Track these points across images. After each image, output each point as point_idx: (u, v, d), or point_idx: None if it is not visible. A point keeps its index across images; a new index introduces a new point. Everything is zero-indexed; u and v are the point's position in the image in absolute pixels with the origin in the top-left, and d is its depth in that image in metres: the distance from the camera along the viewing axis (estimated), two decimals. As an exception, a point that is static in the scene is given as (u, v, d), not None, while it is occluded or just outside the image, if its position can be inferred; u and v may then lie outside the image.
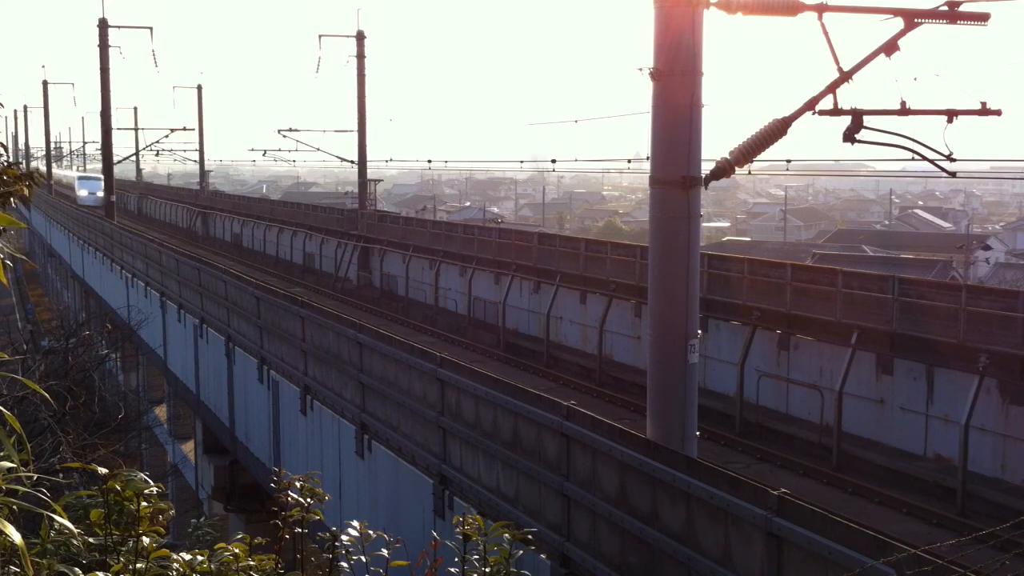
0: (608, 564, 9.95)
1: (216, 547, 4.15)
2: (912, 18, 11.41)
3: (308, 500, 5.12)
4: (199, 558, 3.96)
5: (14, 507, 3.26)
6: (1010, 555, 6.31)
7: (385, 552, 5.08)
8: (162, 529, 3.98)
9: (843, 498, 16.83)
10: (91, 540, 3.98)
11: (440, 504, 13.40)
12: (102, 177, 57.16)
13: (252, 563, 4.17)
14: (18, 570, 3.44)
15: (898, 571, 6.27)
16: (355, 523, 5.13)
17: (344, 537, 5.07)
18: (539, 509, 11.16)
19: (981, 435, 17.10)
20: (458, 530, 5.17)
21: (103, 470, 3.94)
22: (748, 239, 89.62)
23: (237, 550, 4.12)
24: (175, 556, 3.86)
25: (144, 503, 3.88)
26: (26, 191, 3.67)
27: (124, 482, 3.85)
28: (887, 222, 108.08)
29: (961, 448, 16.55)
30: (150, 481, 3.94)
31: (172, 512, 4.09)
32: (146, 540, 3.87)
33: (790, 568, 7.76)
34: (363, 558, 5.07)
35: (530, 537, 5.62)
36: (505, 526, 5.20)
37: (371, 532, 5.14)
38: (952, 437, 17.42)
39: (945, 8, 11.40)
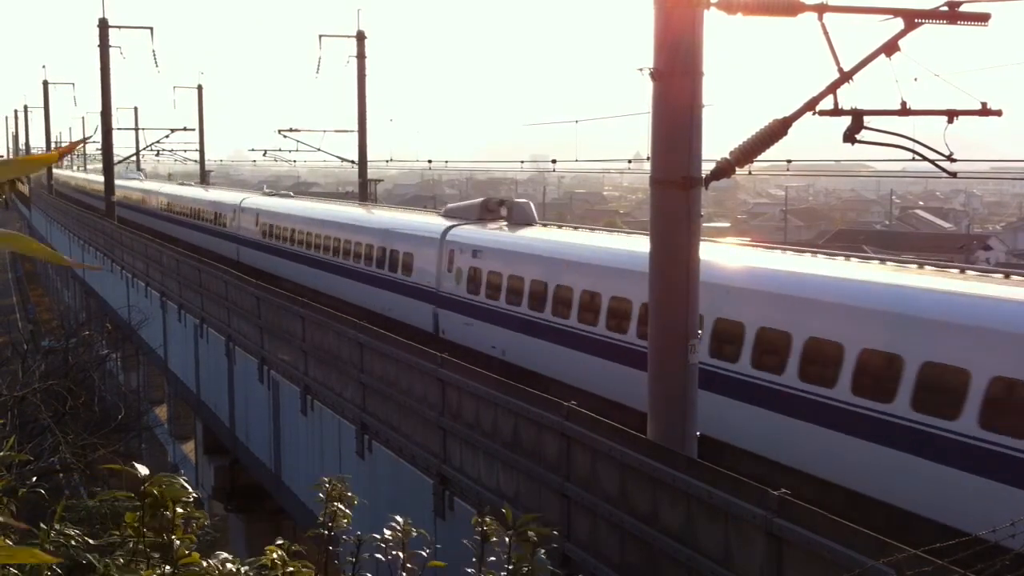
0: (608, 564, 9.95)
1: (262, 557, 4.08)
2: (912, 18, 11.38)
3: (337, 505, 5.10)
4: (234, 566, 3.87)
5: (13, 508, 3.25)
6: (1010, 555, 6.30)
7: (380, 556, 5.08)
8: (193, 537, 3.90)
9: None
10: (91, 541, 3.94)
11: (440, 504, 13.39)
12: None
13: (291, 570, 4.11)
14: (17, 572, 3.43)
15: (898, 571, 6.26)
16: (387, 530, 5.12)
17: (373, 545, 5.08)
18: (539, 509, 11.15)
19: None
20: (477, 530, 5.19)
21: (144, 470, 3.82)
22: (748, 239, 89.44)
23: (276, 555, 4.06)
24: (207, 562, 3.76)
25: (180, 510, 3.77)
26: (22, 189, 3.65)
27: (163, 487, 3.73)
28: (888, 222, 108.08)
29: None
30: (188, 487, 3.84)
31: (206, 521, 4.01)
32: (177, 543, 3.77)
33: (790, 568, 7.76)
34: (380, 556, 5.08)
35: (555, 533, 5.66)
36: (534, 519, 5.25)
37: (376, 536, 5.14)
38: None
39: (945, 8, 11.38)
